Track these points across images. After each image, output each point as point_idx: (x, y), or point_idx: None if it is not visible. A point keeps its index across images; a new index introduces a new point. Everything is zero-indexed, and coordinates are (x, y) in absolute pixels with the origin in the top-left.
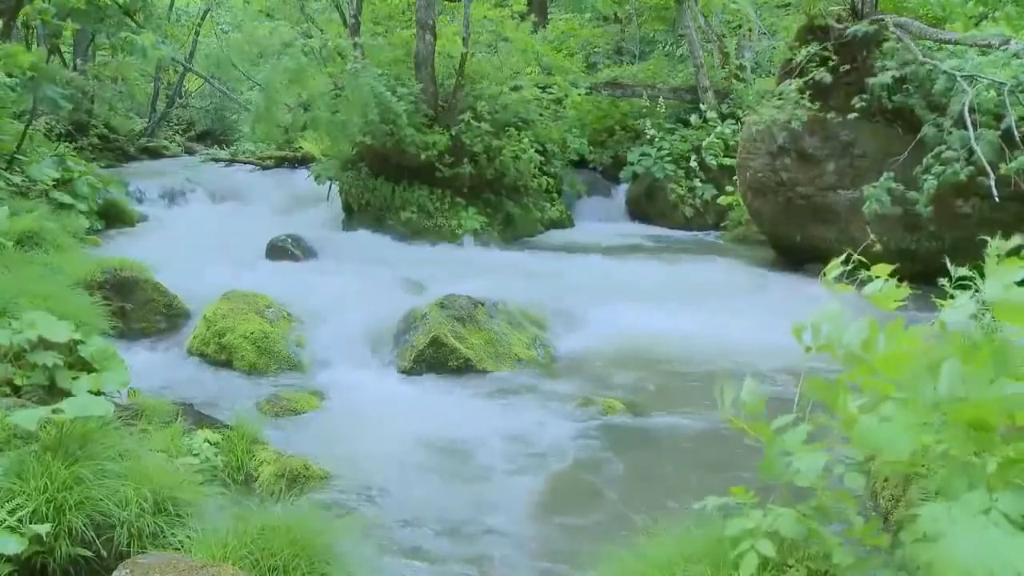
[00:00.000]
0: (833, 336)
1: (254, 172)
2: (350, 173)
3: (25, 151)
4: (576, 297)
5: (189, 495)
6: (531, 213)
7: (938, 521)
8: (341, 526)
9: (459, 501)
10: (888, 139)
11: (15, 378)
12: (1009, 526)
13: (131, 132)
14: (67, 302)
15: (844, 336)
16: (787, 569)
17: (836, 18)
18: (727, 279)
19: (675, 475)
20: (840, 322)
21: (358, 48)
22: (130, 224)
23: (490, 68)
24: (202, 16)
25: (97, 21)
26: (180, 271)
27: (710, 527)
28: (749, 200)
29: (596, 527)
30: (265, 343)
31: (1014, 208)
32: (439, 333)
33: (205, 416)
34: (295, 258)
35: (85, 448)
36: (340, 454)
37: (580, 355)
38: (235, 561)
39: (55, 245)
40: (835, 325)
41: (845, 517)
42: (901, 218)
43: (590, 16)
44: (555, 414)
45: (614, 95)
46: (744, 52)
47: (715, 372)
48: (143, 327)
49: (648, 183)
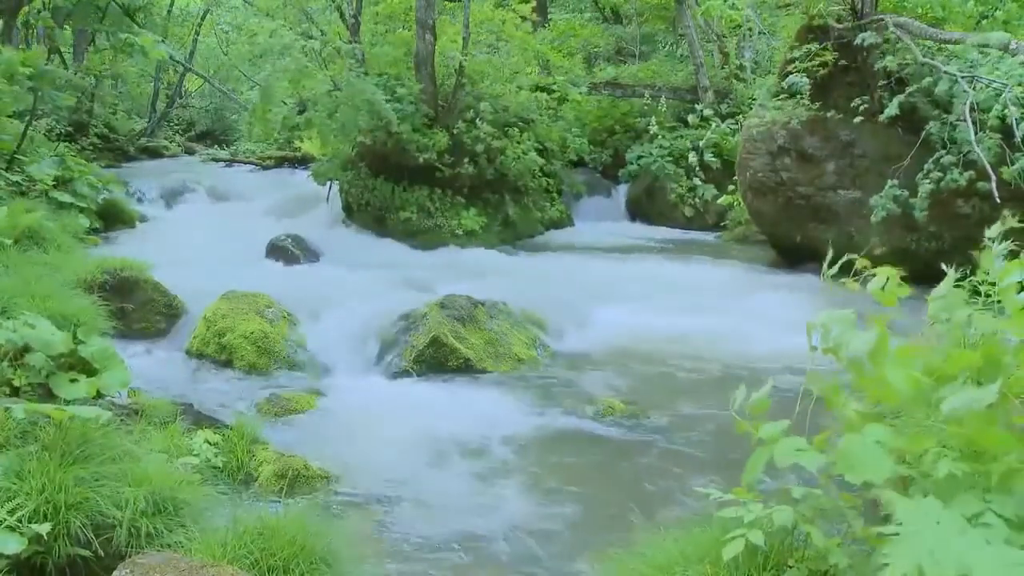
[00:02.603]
0: (840, 341)
1: (254, 172)
2: (350, 173)
3: (25, 151)
4: (576, 297)
5: (189, 495)
6: (531, 213)
7: (909, 518)
8: (340, 526)
9: (458, 501)
10: (888, 139)
11: (14, 378)
12: (1004, 527)
13: (131, 132)
14: (67, 302)
15: (851, 343)
16: (787, 569)
17: (836, 18)
18: (727, 279)
19: (675, 475)
20: (849, 326)
21: (357, 51)
22: (130, 224)
23: (490, 68)
24: (202, 16)
25: (97, 21)
26: (180, 271)
27: (710, 527)
28: (749, 200)
29: (596, 527)
30: (265, 343)
31: (1014, 208)
32: (439, 333)
33: (205, 416)
34: (295, 258)
35: (84, 448)
36: (340, 454)
37: (580, 355)
38: (235, 561)
39: (55, 245)
40: (845, 329)
41: (845, 518)
42: (901, 218)
43: (590, 16)
44: (555, 414)
45: (614, 95)
46: (744, 52)
47: (715, 372)
48: (143, 327)
49: (648, 183)
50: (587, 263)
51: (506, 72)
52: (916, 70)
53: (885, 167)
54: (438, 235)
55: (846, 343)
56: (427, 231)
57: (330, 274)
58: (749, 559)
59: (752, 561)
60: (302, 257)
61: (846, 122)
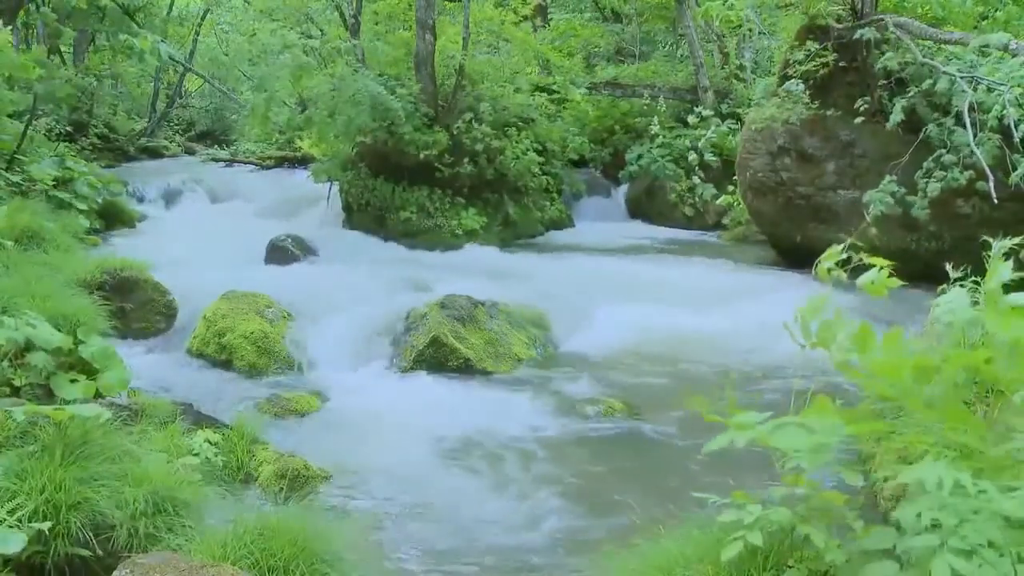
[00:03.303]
0: (825, 334)
1: (254, 172)
2: (350, 173)
3: (25, 151)
4: (576, 297)
5: (189, 495)
6: (531, 213)
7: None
8: (341, 526)
9: (458, 500)
10: (888, 139)
11: (14, 379)
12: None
13: (131, 132)
14: (67, 302)
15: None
16: (787, 569)
17: (836, 18)
18: (727, 279)
19: (675, 476)
20: (825, 315)
21: (358, 49)
22: (130, 224)
23: (490, 68)
24: (202, 16)
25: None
26: (180, 271)
27: (710, 528)
28: (749, 200)
29: (596, 527)
30: (265, 343)
31: (1013, 208)
32: (439, 333)
33: (205, 416)
34: (295, 258)
35: (84, 448)
36: (340, 454)
37: (580, 355)
38: (235, 561)
39: (55, 245)
40: (824, 321)
41: (843, 518)
42: (901, 218)
43: (590, 16)
44: (555, 414)
45: (614, 95)
46: (744, 52)
47: (715, 372)
48: (143, 327)
49: (648, 183)
50: (587, 263)
51: (506, 72)
52: (916, 70)
53: (885, 167)
54: (438, 235)
55: (832, 335)
56: (427, 231)
57: (330, 274)
58: (749, 559)
59: (752, 561)
60: (302, 257)
61: (846, 122)
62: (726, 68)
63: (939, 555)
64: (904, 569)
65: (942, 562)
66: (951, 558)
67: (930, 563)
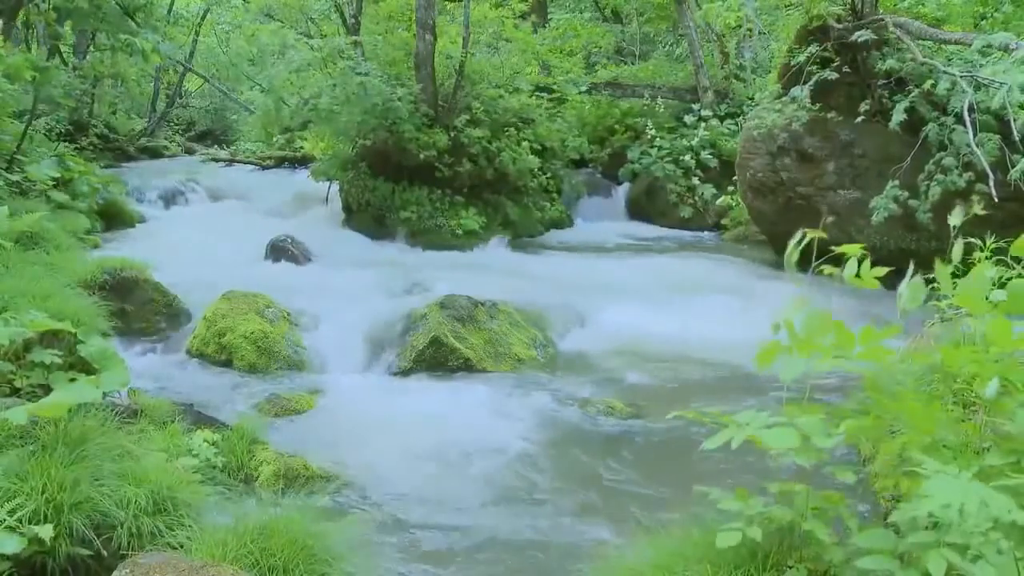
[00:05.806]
0: (810, 336)
1: (254, 172)
2: (350, 173)
3: (25, 151)
4: (576, 297)
5: (188, 495)
6: (531, 213)
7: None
8: (340, 526)
9: (458, 500)
10: (888, 139)
11: (15, 379)
12: None
13: (131, 132)
14: (67, 302)
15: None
16: (787, 569)
17: (836, 18)
18: (727, 279)
19: (675, 476)
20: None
21: (359, 47)
22: (130, 224)
23: (490, 68)
24: (202, 16)
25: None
26: (180, 271)
27: (710, 527)
28: (749, 200)
29: (596, 527)
30: (265, 343)
31: (1013, 208)
32: (439, 333)
33: (205, 416)
34: (295, 258)
35: (84, 448)
36: (339, 454)
37: (580, 355)
38: (234, 561)
39: (55, 245)
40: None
41: (842, 518)
42: (901, 218)
43: (590, 16)
44: (555, 414)
45: (614, 95)
46: (744, 52)
47: (715, 372)
48: (143, 327)
49: (648, 183)
50: (587, 263)
51: (506, 72)
52: (916, 70)
53: (885, 167)
54: (438, 235)
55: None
56: (427, 231)
57: (330, 274)
58: (749, 559)
59: (752, 561)
60: (302, 257)
61: (846, 122)
62: (726, 68)
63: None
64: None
65: (938, 557)
66: (947, 553)
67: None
